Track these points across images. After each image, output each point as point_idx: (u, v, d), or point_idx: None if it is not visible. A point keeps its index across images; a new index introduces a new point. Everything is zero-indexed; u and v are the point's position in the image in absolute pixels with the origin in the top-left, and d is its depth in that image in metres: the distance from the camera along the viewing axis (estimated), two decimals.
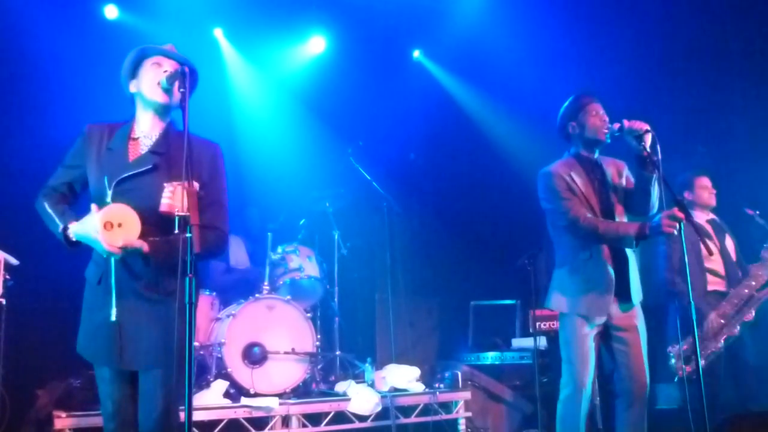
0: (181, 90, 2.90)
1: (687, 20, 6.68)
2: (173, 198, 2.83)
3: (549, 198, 4.01)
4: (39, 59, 6.21)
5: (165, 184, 2.88)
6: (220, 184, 3.15)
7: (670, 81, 6.85)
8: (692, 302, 3.65)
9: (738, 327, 5.02)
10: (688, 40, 6.76)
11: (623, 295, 3.93)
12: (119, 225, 2.78)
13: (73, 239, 2.92)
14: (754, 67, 6.45)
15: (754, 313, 5.03)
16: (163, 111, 3.11)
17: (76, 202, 3.07)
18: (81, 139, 3.10)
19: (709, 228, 5.28)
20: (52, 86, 6.22)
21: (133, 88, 3.15)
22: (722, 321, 5.02)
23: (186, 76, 2.92)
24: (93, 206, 2.87)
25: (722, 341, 5.01)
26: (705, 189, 5.36)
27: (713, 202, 5.37)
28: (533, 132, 6.99)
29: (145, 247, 2.83)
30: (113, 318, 2.88)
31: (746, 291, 5.07)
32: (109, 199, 2.90)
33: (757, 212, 5.28)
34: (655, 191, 3.87)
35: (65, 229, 2.93)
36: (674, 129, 6.13)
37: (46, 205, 3.02)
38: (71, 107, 5.91)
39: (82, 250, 3.01)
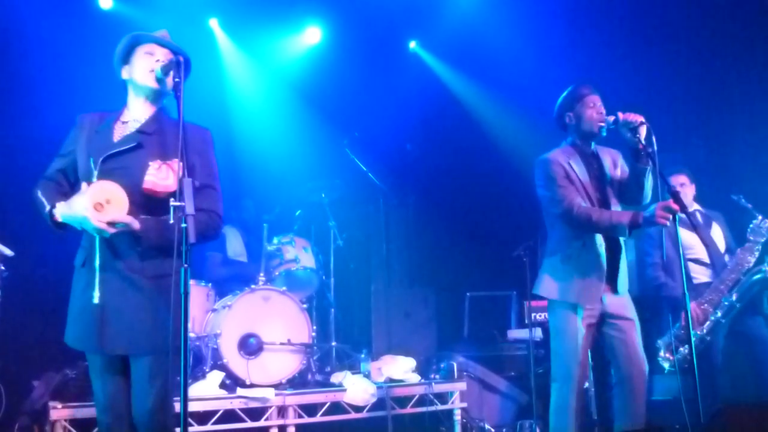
0: (176, 80, 2.91)
1: (685, 12, 6.68)
2: (157, 176, 2.83)
3: (546, 185, 4.01)
4: (32, 50, 6.18)
5: (150, 162, 2.88)
6: (210, 169, 3.14)
7: (667, 73, 6.84)
8: (686, 294, 3.65)
9: (722, 311, 5.03)
10: (686, 32, 6.75)
11: (614, 284, 3.94)
12: (107, 201, 2.78)
13: (59, 220, 2.91)
14: (752, 60, 6.44)
15: (736, 296, 5.04)
16: (154, 97, 3.11)
17: (72, 191, 3.05)
18: (73, 128, 3.12)
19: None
20: (45, 77, 6.19)
21: (125, 74, 3.16)
22: (705, 308, 5.03)
23: (181, 66, 2.92)
24: (83, 184, 2.89)
25: (704, 329, 5.03)
26: (683, 187, 5.36)
27: (691, 199, 5.36)
28: (530, 123, 6.99)
29: (135, 224, 2.82)
30: (96, 300, 2.87)
31: (733, 276, 5.08)
32: (94, 179, 2.90)
33: (741, 196, 5.27)
34: (649, 183, 3.88)
35: (51, 209, 2.92)
36: (671, 121, 6.14)
37: (39, 193, 3.02)
38: (64, 98, 5.88)
39: (72, 237, 3.00)
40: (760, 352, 5.15)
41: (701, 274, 5.21)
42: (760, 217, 5.14)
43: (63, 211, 2.88)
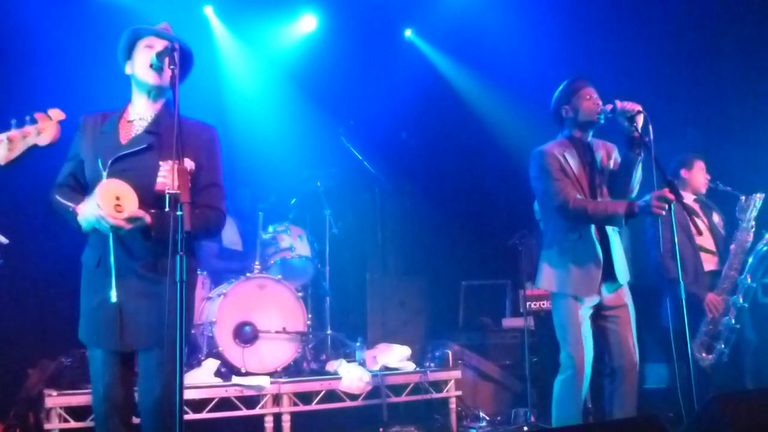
0: (171, 67, 2.90)
1: (679, 1, 6.66)
2: (169, 177, 2.84)
3: (541, 178, 4.01)
4: (27, 38, 6.13)
5: (161, 163, 2.89)
6: (216, 167, 3.18)
7: (662, 62, 6.83)
8: (681, 283, 3.66)
9: (741, 294, 5.02)
10: (680, 21, 6.74)
11: (611, 274, 3.94)
12: (117, 198, 2.80)
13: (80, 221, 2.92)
14: (747, 49, 6.44)
15: (750, 278, 5.04)
16: (156, 92, 3.12)
17: (85, 193, 3.05)
18: (77, 130, 3.13)
19: (696, 206, 5.30)
20: (39, 65, 6.13)
21: (128, 70, 3.17)
22: (725, 297, 5.02)
23: (176, 52, 2.91)
24: (98, 185, 2.88)
25: (733, 317, 5.01)
26: (702, 172, 5.36)
27: (704, 189, 5.36)
28: (525, 112, 6.97)
29: (147, 218, 2.84)
30: (113, 299, 2.90)
31: (738, 258, 5.07)
32: (104, 180, 2.90)
33: (717, 182, 5.31)
34: (637, 174, 3.90)
35: (75, 208, 2.93)
36: (665, 111, 6.12)
37: (58, 197, 3.03)
38: (59, 85, 5.84)
39: (68, 227, 3.01)
40: (742, 346, 5.16)
41: (708, 262, 5.19)
42: (743, 197, 5.16)
43: (81, 213, 2.90)
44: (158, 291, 2.91)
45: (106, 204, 2.78)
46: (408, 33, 8.34)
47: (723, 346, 4.99)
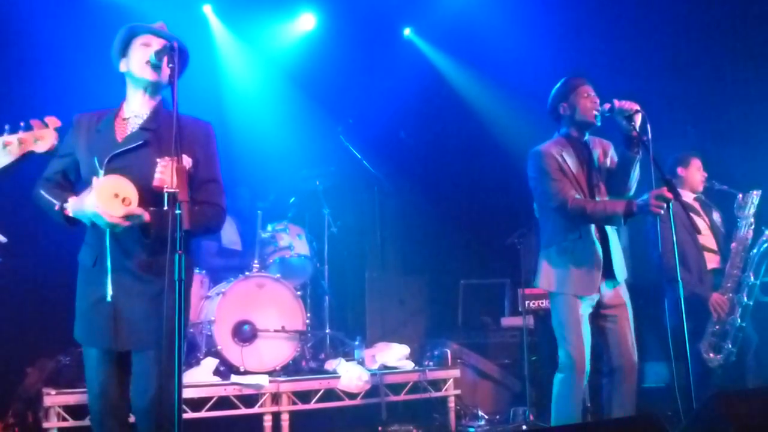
0: (170, 66, 2.91)
1: (677, 1, 6.66)
2: (166, 172, 2.83)
3: (539, 178, 4.01)
4: (24, 36, 6.12)
5: (158, 159, 2.88)
6: (214, 162, 3.17)
7: (661, 61, 6.84)
8: (680, 281, 3.67)
9: (745, 293, 5.03)
10: (680, 20, 6.74)
11: (609, 273, 3.95)
12: (115, 195, 2.79)
13: (71, 215, 2.91)
14: (747, 48, 6.44)
15: (753, 276, 5.04)
16: (152, 89, 3.11)
17: (73, 191, 3.07)
18: (71, 128, 3.11)
19: (696, 205, 5.30)
20: (36, 64, 6.13)
21: (123, 67, 3.15)
22: (730, 297, 5.01)
23: (175, 51, 2.92)
24: (94, 179, 2.87)
25: (738, 316, 5.00)
26: (699, 171, 5.36)
27: (701, 187, 5.36)
28: (524, 111, 6.98)
29: (146, 215, 2.83)
30: (109, 298, 2.90)
31: (739, 257, 5.08)
32: (102, 176, 2.90)
33: (714, 181, 5.32)
34: (635, 173, 3.90)
35: (62, 206, 2.92)
36: (664, 109, 6.13)
37: (42, 192, 3.02)
38: (57, 83, 5.84)
39: (75, 230, 3.00)
40: (744, 345, 5.15)
41: (710, 261, 5.19)
42: (740, 195, 5.17)
43: (75, 206, 2.89)
44: (154, 291, 2.91)
45: (104, 201, 2.77)
46: (407, 32, 8.33)
47: (730, 345, 4.99)
